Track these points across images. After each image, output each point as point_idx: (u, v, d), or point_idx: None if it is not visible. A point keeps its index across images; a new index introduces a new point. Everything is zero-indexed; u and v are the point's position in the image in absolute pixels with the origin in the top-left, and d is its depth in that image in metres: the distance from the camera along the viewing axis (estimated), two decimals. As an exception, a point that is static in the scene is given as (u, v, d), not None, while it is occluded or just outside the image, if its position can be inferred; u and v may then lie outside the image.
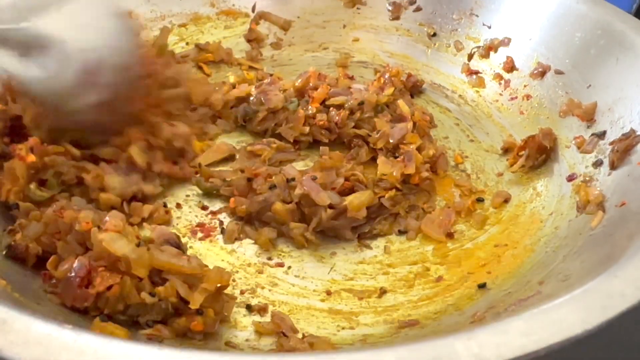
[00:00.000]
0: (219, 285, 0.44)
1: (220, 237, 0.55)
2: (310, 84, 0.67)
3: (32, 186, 0.51)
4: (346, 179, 0.55)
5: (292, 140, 0.64)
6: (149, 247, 0.44)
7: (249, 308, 0.48)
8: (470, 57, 0.76)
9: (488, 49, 0.74)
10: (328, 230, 0.53)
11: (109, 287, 0.42)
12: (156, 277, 0.44)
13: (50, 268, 0.46)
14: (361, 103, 0.63)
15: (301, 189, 0.52)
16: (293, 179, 0.53)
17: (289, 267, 0.52)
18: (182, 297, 0.43)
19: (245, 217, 0.55)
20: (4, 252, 0.47)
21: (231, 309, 0.46)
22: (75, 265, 0.43)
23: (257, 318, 0.47)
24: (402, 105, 0.67)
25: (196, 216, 0.56)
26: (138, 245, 0.43)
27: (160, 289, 0.43)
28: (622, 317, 0.34)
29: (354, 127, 0.63)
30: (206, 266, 0.46)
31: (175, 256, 0.44)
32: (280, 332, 0.45)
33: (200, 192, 0.58)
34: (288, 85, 0.67)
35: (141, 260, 0.42)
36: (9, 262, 0.47)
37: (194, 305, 0.43)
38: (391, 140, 0.60)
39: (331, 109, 0.64)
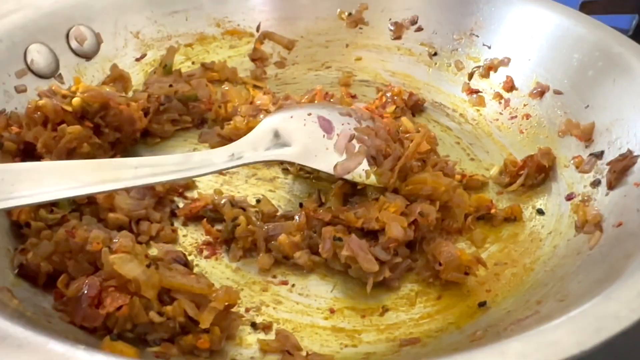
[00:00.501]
0: (226, 304, 0.45)
1: (225, 255, 0.56)
2: (316, 102, 0.69)
3: (42, 212, 0.52)
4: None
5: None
6: (158, 266, 0.45)
7: (254, 326, 0.49)
8: (470, 76, 0.77)
9: (488, 69, 0.76)
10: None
11: (119, 308, 0.43)
12: (165, 296, 0.45)
13: (60, 287, 0.47)
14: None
15: (348, 251, 0.51)
16: (340, 239, 0.52)
17: (293, 285, 0.53)
18: (190, 316, 0.44)
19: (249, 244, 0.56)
20: (15, 271, 0.48)
21: (237, 327, 0.47)
22: (86, 285, 0.44)
23: (261, 336, 0.48)
24: (406, 122, 0.69)
25: (202, 234, 0.58)
26: (149, 265, 0.45)
27: (168, 308, 0.44)
28: (617, 338, 0.35)
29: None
30: (213, 285, 0.47)
31: (185, 276, 0.46)
32: (285, 350, 0.46)
33: (206, 211, 0.59)
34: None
35: (151, 282, 0.44)
36: (20, 280, 0.48)
37: (204, 325, 0.44)
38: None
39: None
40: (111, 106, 0.61)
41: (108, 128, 0.61)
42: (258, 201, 0.60)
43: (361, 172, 0.56)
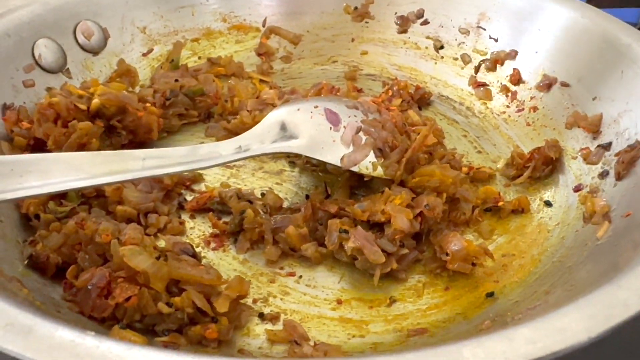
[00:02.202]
0: (238, 294, 0.46)
1: (232, 247, 0.56)
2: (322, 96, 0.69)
3: (51, 204, 0.52)
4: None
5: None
6: (167, 257, 0.46)
7: (262, 316, 0.49)
8: (477, 69, 0.77)
9: (495, 62, 0.76)
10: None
11: (128, 298, 0.44)
12: (173, 287, 0.45)
13: (69, 278, 0.47)
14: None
15: (354, 243, 0.51)
16: (346, 231, 0.52)
17: (300, 277, 0.53)
18: (199, 307, 0.44)
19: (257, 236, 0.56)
20: (25, 262, 0.49)
21: (247, 318, 0.48)
22: (95, 276, 0.45)
23: (269, 326, 0.49)
24: (413, 114, 0.69)
25: (209, 227, 0.58)
26: (158, 257, 0.45)
27: (176, 299, 0.44)
28: (626, 325, 0.35)
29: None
30: (222, 277, 0.47)
31: (194, 267, 0.46)
32: (293, 340, 0.47)
33: (214, 204, 0.59)
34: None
35: (160, 274, 0.44)
36: (30, 271, 0.48)
37: (222, 309, 0.44)
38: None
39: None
40: (129, 111, 0.61)
41: (124, 130, 0.62)
42: (263, 194, 0.60)
43: (368, 164, 0.56)
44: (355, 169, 0.56)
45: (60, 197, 0.54)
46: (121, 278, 0.45)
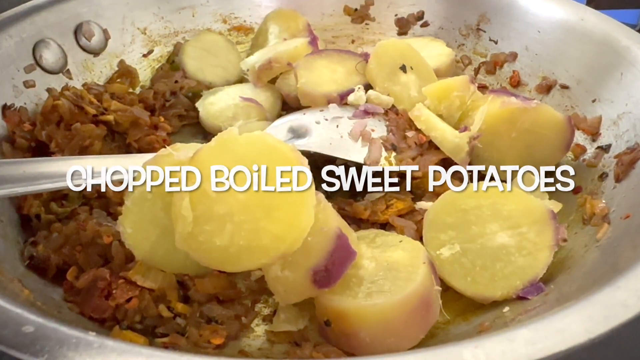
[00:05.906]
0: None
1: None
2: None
3: (53, 205, 0.53)
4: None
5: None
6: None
7: (262, 317, 0.49)
8: (477, 71, 0.77)
9: (494, 64, 0.76)
10: None
11: (128, 300, 0.44)
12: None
13: (70, 278, 0.47)
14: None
15: None
16: None
17: (301, 278, 0.53)
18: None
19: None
20: (26, 263, 0.49)
21: (251, 321, 0.48)
22: (96, 277, 0.45)
23: (269, 327, 0.49)
24: None
25: (210, 228, 0.58)
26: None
27: (178, 305, 0.45)
28: (626, 327, 0.35)
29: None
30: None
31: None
32: (293, 341, 0.47)
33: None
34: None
35: (173, 284, 0.44)
36: (30, 272, 0.49)
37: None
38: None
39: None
40: (140, 124, 0.62)
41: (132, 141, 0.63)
42: None
43: (381, 160, 0.57)
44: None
45: (61, 198, 0.54)
46: (122, 279, 0.45)
